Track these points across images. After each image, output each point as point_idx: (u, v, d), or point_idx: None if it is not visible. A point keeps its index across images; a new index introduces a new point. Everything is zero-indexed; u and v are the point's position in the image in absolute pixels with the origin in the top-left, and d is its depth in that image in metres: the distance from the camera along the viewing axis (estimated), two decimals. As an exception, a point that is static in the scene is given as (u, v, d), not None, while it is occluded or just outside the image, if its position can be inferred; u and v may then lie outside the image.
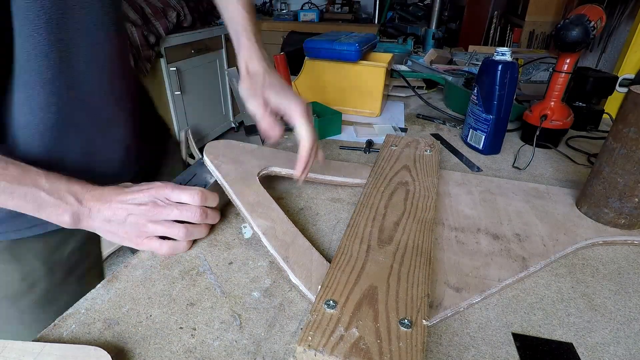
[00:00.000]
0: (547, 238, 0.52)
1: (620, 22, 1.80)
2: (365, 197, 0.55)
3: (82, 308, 0.41)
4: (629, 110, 0.50)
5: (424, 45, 1.74)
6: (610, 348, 0.38)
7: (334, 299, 0.36)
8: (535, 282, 0.46)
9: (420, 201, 0.54)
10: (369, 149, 0.81)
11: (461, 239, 0.52)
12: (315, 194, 0.64)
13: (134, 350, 0.36)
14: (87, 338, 0.38)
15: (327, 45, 0.93)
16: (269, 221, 0.50)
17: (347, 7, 3.16)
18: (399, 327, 0.33)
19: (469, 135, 0.83)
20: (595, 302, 0.44)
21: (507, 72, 0.72)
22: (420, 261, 0.42)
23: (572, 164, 0.77)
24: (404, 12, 2.97)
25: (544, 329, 0.40)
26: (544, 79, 1.32)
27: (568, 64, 0.75)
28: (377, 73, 0.96)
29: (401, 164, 0.65)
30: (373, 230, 0.47)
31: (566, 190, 0.64)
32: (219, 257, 0.49)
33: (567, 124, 0.80)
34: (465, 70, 1.26)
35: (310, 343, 0.31)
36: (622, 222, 0.54)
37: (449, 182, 0.66)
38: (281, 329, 0.39)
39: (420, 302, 0.36)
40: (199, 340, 0.38)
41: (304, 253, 0.46)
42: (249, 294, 0.43)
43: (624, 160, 0.51)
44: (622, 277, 0.47)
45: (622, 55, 1.06)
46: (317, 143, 0.54)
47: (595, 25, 0.70)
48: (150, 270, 0.46)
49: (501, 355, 0.37)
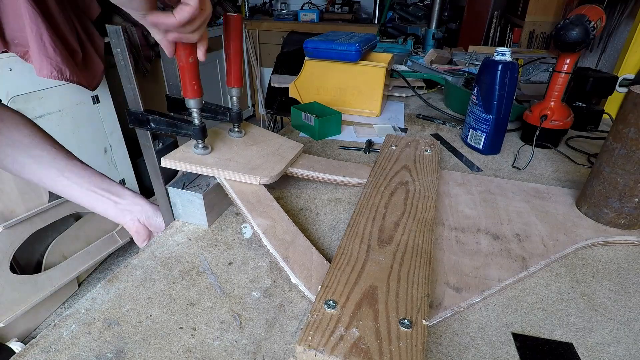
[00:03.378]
0: (547, 238, 0.52)
1: (620, 22, 1.80)
2: (366, 197, 0.55)
3: (82, 308, 0.41)
4: (629, 110, 0.50)
5: (424, 46, 1.74)
6: (610, 348, 0.38)
7: (334, 299, 0.36)
8: (535, 282, 0.46)
9: (420, 201, 0.54)
10: (369, 149, 0.81)
11: (461, 239, 0.52)
12: (315, 194, 0.64)
13: (134, 350, 0.36)
14: (87, 338, 0.38)
15: (327, 45, 0.93)
16: (269, 220, 0.50)
17: (347, 7, 3.16)
18: (399, 327, 0.33)
19: (469, 135, 0.83)
20: (595, 302, 0.44)
21: (507, 72, 0.72)
22: (420, 261, 0.42)
23: (572, 164, 0.77)
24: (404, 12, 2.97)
25: (544, 329, 0.40)
26: (544, 79, 1.32)
27: (568, 64, 0.75)
28: (377, 73, 0.96)
29: (401, 164, 0.65)
30: (373, 230, 0.47)
31: (566, 190, 0.64)
32: (219, 257, 0.49)
33: (567, 124, 0.80)
34: (465, 70, 1.25)
35: (310, 343, 0.31)
36: (622, 222, 0.54)
37: (449, 182, 0.66)
38: (281, 329, 0.39)
39: (420, 302, 0.36)
40: (199, 340, 0.38)
41: (304, 253, 0.46)
42: (249, 294, 0.43)
43: (624, 160, 0.51)
44: (622, 277, 0.47)
45: (622, 56, 1.06)
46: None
47: (595, 25, 0.70)
48: (150, 270, 0.46)
49: (501, 355, 0.37)
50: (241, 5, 3.31)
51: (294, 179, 0.67)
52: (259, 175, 0.54)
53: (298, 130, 0.91)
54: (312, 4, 3.27)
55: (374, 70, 0.95)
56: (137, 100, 0.50)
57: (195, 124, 0.52)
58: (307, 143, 0.84)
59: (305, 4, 3.27)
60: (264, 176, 0.54)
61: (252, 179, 0.54)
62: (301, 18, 3.14)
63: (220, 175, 0.54)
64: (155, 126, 0.52)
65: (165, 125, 0.52)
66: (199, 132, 0.53)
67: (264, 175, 0.55)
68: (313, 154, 0.69)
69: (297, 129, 0.91)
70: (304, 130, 0.89)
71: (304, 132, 0.89)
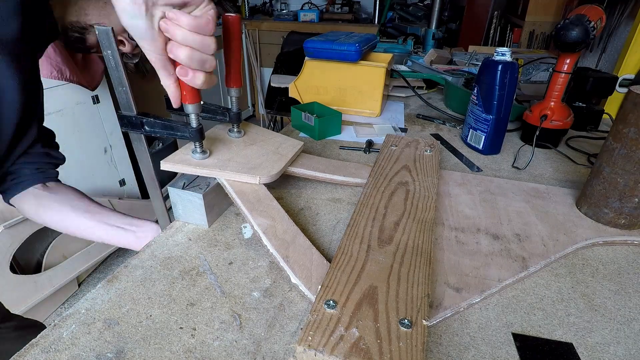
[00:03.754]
0: (547, 238, 0.52)
1: (620, 22, 1.80)
2: (366, 197, 0.55)
3: (82, 308, 0.41)
4: (629, 110, 0.50)
5: (424, 46, 1.74)
6: (610, 348, 0.38)
7: (334, 299, 0.36)
8: (535, 282, 0.46)
9: (420, 201, 0.54)
10: (369, 149, 0.81)
11: (461, 239, 0.52)
12: (315, 194, 0.64)
13: (134, 350, 0.36)
14: (87, 338, 0.38)
15: (327, 45, 0.93)
16: (269, 219, 0.50)
17: (347, 7, 3.16)
18: (399, 327, 0.33)
19: (469, 135, 0.83)
20: (595, 302, 0.44)
21: (507, 72, 0.72)
22: (420, 261, 0.42)
23: (572, 164, 0.77)
24: (404, 12, 2.97)
25: (544, 329, 0.40)
26: (544, 79, 1.32)
27: (568, 64, 0.75)
28: (377, 73, 0.96)
29: (401, 164, 0.65)
30: (373, 230, 0.47)
31: (566, 190, 0.64)
32: (219, 257, 0.49)
33: (567, 124, 0.80)
34: (465, 70, 1.26)
35: (310, 343, 0.31)
36: (622, 222, 0.54)
37: (449, 182, 0.66)
38: (281, 329, 0.39)
39: (420, 302, 0.36)
40: (199, 340, 0.38)
41: (304, 252, 0.46)
42: (249, 294, 0.43)
43: (624, 161, 0.51)
44: (622, 277, 0.47)
45: (622, 56, 1.06)
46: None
47: (595, 25, 0.70)
48: (150, 271, 0.46)
49: (501, 355, 0.37)
50: (241, 5, 3.31)
51: (294, 179, 0.67)
52: (259, 174, 0.54)
53: (298, 131, 0.91)
54: (312, 4, 3.27)
55: (374, 70, 0.95)
56: (130, 102, 0.49)
57: (192, 126, 0.51)
58: (307, 143, 0.84)
59: (305, 4, 3.27)
60: (263, 175, 0.54)
61: (251, 179, 0.54)
62: (301, 18, 3.14)
63: (220, 175, 0.54)
64: (150, 129, 0.52)
65: (161, 128, 0.52)
66: (196, 134, 0.52)
67: (263, 175, 0.54)
68: (313, 154, 0.69)
69: (297, 129, 0.92)
70: (304, 131, 0.89)
71: (304, 132, 0.89)
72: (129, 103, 0.50)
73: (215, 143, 0.60)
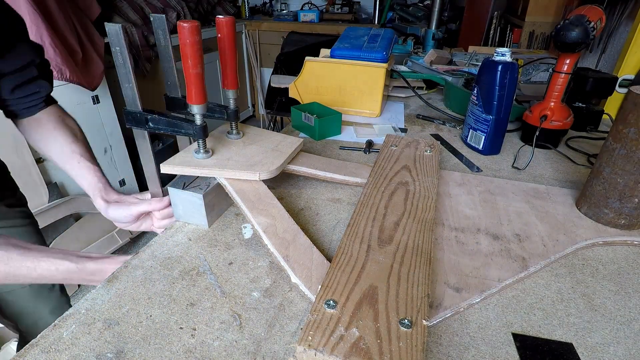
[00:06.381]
0: (547, 238, 0.52)
1: (620, 23, 1.80)
2: (366, 197, 0.55)
3: (82, 308, 0.41)
4: (629, 111, 0.50)
5: (423, 46, 1.74)
6: (610, 348, 0.38)
7: (334, 298, 0.36)
8: (535, 282, 0.46)
9: (420, 201, 0.54)
10: (369, 149, 0.81)
11: (461, 239, 0.52)
12: (315, 194, 0.64)
13: (134, 350, 0.36)
14: (87, 338, 0.38)
15: (356, 53, 0.95)
16: (269, 218, 0.50)
17: (347, 8, 3.16)
18: (399, 327, 0.33)
19: (468, 136, 0.83)
20: (595, 302, 0.44)
21: (507, 72, 0.72)
22: (420, 261, 0.42)
23: (572, 165, 0.77)
24: (404, 13, 2.97)
25: (544, 329, 0.40)
26: (543, 80, 1.32)
27: (568, 65, 0.75)
28: (377, 73, 0.96)
29: (401, 164, 0.65)
30: (373, 230, 0.47)
31: (566, 191, 0.64)
32: (219, 257, 0.49)
33: (567, 124, 0.80)
34: (465, 70, 1.25)
35: (310, 343, 0.31)
36: (622, 222, 0.54)
37: (449, 182, 0.66)
38: (281, 329, 0.39)
39: (420, 302, 0.36)
40: (199, 341, 0.38)
41: (304, 252, 0.46)
42: (249, 294, 0.43)
43: (624, 161, 0.51)
44: (622, 277, 0.47)
45: (622, 56, 1.07)
46: None
47: (595, 25, 0.70)
48: (150, 271, 0.46)
49: (501, 355, 0.37)
50: (241, 5, 3.31)
51: (294, 178, 0.67)
52: (258, 170, 0.54)
53: (298, 131, 0.91)
54: (312, 4, 3.27)
55: (374, 70, 0.95)
56: (136, 99, 0.50)
57: (197, 123, 0.51)
58: (307, 143, 0.84)
59: (305, 4, 3.27)
60: (263, 171, 0.54)
61: (251, 175, 0.54)
62: (301, 18, 3.14)
63: (220, 174, 0.54)
64: (154, 126, 0.52)
65: (165, 125, 0.52)
66: (200, 131, 0.52)
67: (263, 171, 0.54)
68: (313, 154, 0.69)
69: (297, 129, 0.92)
70: (304, 131, 0.89)
71: (304, 133, 0.89)
72: (135, 99, 0.50)
73: (215, 145, 0.60)
